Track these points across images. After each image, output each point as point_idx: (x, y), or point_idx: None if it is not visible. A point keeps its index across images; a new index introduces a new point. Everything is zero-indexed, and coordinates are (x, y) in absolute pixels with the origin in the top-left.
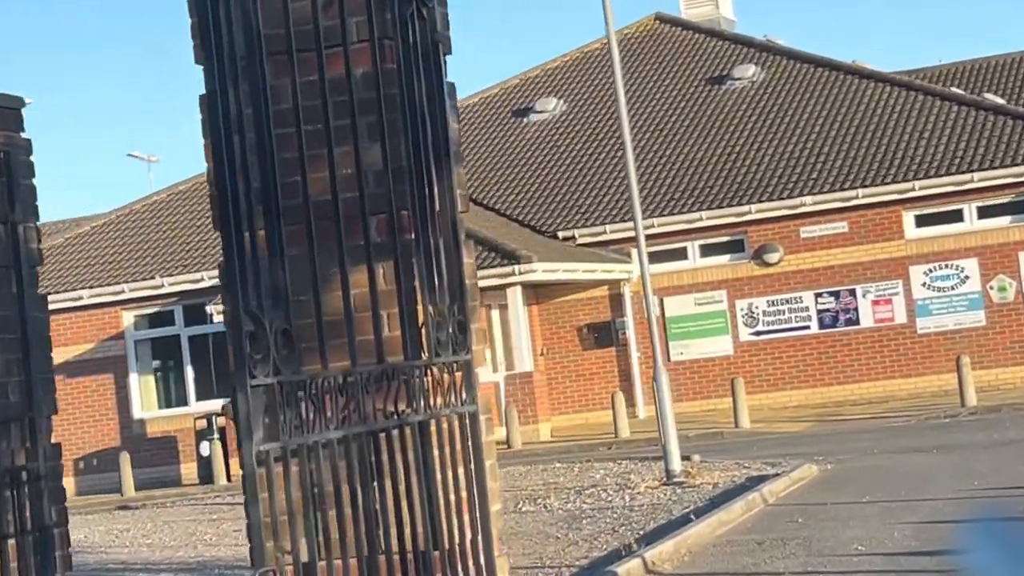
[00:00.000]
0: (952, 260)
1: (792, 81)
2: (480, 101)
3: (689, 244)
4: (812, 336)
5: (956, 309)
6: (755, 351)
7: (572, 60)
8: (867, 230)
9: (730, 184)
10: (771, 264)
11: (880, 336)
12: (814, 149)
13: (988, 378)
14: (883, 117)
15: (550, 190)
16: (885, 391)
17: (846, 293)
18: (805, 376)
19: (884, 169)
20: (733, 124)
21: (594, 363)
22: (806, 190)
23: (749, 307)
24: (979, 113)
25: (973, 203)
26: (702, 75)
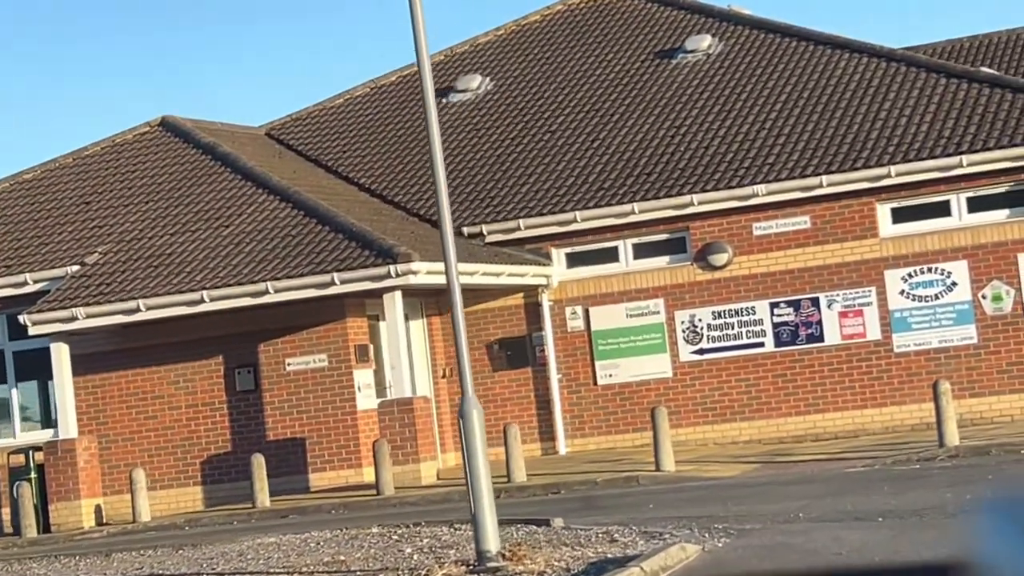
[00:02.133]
0: (936, 263)
1: (753, 53)
2: (397, 80)
3: (620, 243)
4: (767, 355)
5: (941, 323)
6: (698, 373)
7: (506, 34)
8: (834, 226)
9: (671, 171)
10: (717, 267)
11: (849, 356)
12: (773, 129)
13: (980, 408)
14: (857, 92)
15: (460, 179)
16: (854, 423)
17: (808, 303)
18: (758, 404)
19: (855, 152)
20: (681, 102)
21: (506, 386)
22: (760, 177)
23: (691, 320)
24: (972, 86)
25: (962, 193)
26: (651, 48)
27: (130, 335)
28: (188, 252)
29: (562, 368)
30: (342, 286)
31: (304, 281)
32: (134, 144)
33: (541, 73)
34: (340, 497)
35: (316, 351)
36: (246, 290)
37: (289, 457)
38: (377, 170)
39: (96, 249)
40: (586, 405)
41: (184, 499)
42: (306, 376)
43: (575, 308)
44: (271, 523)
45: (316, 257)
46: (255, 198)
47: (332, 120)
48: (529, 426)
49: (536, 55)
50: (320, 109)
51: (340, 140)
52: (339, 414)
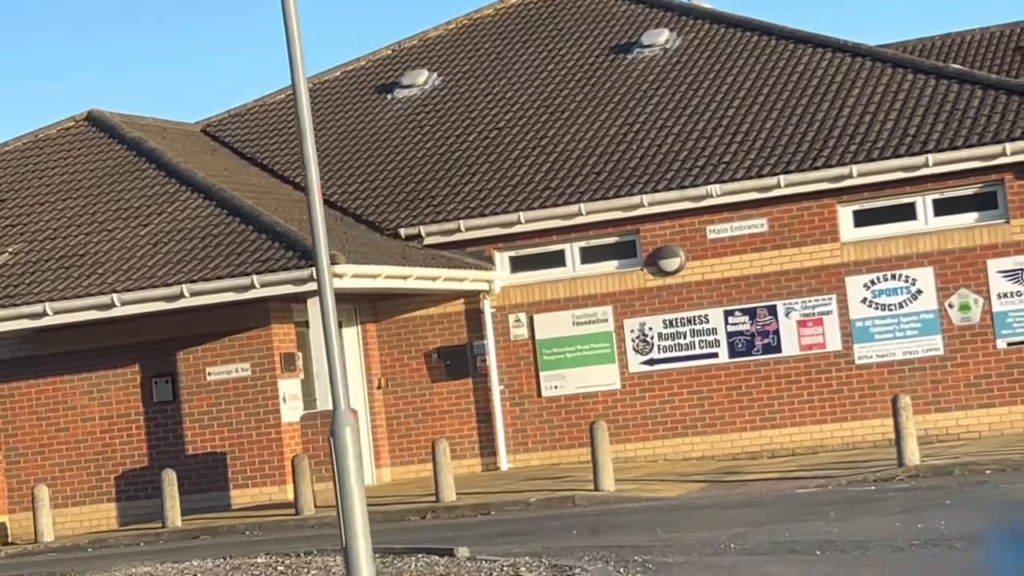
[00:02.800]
0: (901, 269)
1: (712, 48)
2: (342, 76)
3: (567, 247)
4: (721, 366)
5: (905, 333)
6: (648, 385)
7: (458, 28)
8: (792, 229)
9: (622, 170)
10: (669, 273)
11: (807, 367)
12: (730, 127)
13: (946, 423)
14: (819, 88)
15: (400, 178)
16: (813, 439)
17: (764, 311)
18: (711, 419)
19: (815, 151)
20: (636, 98)
21: (446, 398)
22: (715, 177)
23: (641, 328)
24: (940, 82)
25: (928, 195)
26: (607, 43)
27: (41, 341)
28: (103, 253)
29: (504, 379)
30: (262, 289)
31: (221, 284)
32: (57, 139)
33: (491, 68)
34: (258, 516)
35: (239, 359)
36: (160, 293)
37: (209, 472)
38: None
39: (7, 249)
40: (530, 418)
41: (97, 517)
42: (228, 386)
43: (519, 315)
44: (180, 544)
45: (236, 259)
46: (178, 196)
47: (272, 117)
48: (469, 440)
49: (487, 50)
50: (260, 105)
51: (279, 137)
52: (263, 427)
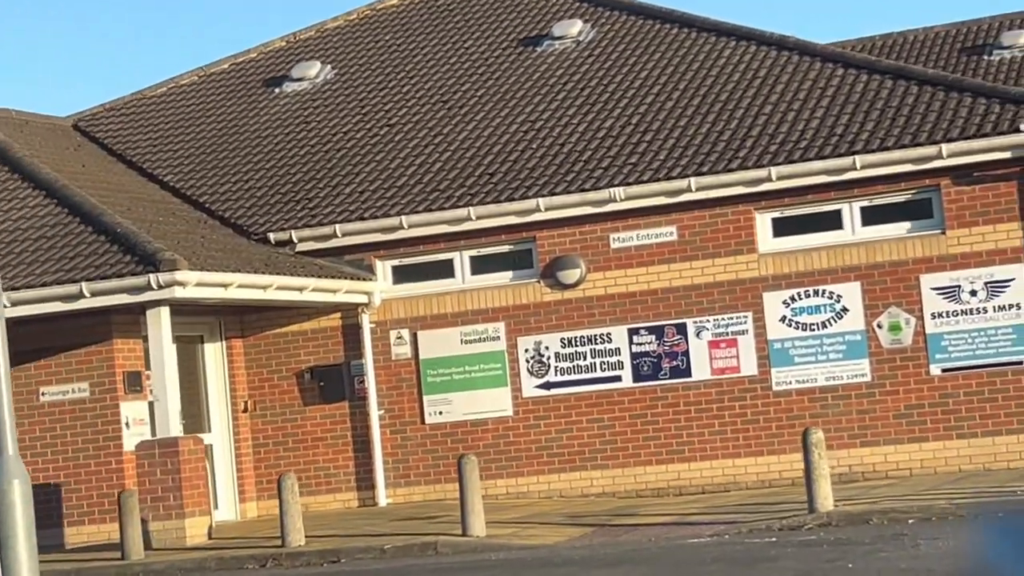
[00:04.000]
0: (825, 284)
1: (629, 40)
2: (231, 68)
3: (456, 255)
4: (624, 391)
5: (828, 356)
6: (543, 411)
7: (359, 19)
8: (704, 238)
9: (519, 171)
10: (568, 285)
11: (720, 394)
12: (640, 124)
13: (873, 459)
14: (740, 83)
15: (277, 178)
16: (725, 475)
17: (673, 330)
18: (613, 450)
19: (731, 151)
20: (541, 94)
21: (319, 423)
22: (619, 179)
23: (537, 347)
24: (872, 77)
25: (855, 201)
26: (516, 35)
27: None
28: None
29: (384, 403)
30: (93, 299)
31: (46, 292)
32: None
33: (390, 61)
34: (79, 561)
35: (77, 379)
36: None
37: (42, 507)
38: (187, 167)
39: None
40: (412, 448)
41: None
42: (64, 409)
43: (401, 331)
44: None
45: (68, 263)
46: (17, 193)
47: (149, 111)
48: (345, 472)
49: (387, 42)
50: (138, 99)
51: (153, 133)
52: (102, 455)
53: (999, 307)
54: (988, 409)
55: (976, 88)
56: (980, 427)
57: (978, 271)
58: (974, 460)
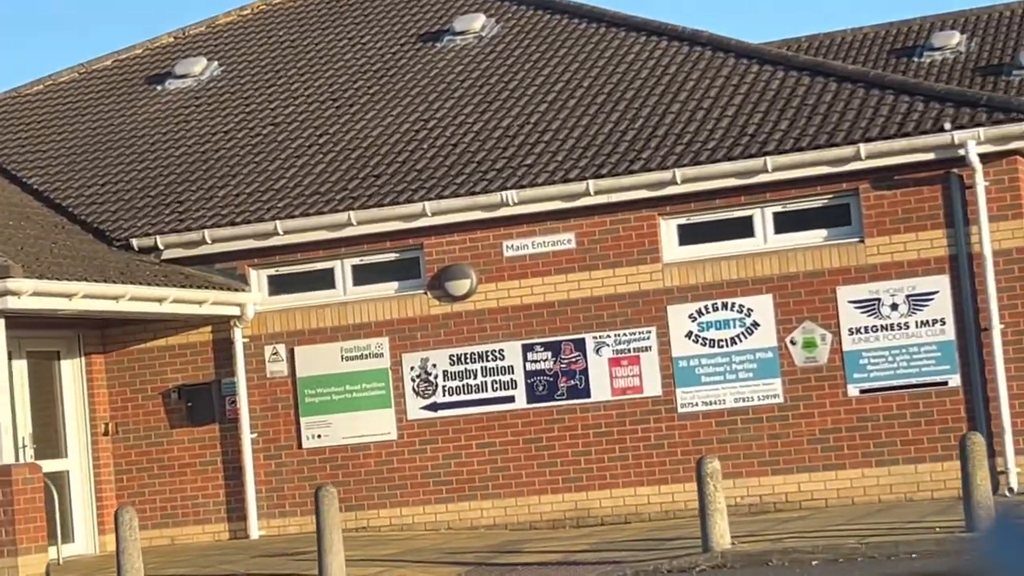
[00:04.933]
0: (734, 297)
1: (534, 35)
2: (114, 64)
3: (336, 264)
4: (518, 413)
5: (738, 375)
6: (430, 435)
7: (252, 14)
8: (605, 246)
9: (406, 172)
10: (458, 297)
11: (621, 416)
12: (540, 124)
13: (786, 488)
14: (648, 80)
15: (149, 180)
16: (626, 505)
17: (570, 346)
18: (506, 477)
19: (634, 152)
20: (437, 91)
21: (187, 448)
22: (513, 181)
23: (423, 365)
24: (788, 74)
25: (768, 207)
26: (416, 30)
27: None
28: None
29: (258, 425)
30: None
31: None
32: None
33: (281, 58)
34: None
35: None
36: None
37: None
38: (55, 169)
39: None
40: (287, 475)
41: None
42: None
43: (277, 347)
44: None
45: None
46: None
47: (22, 110)
48: (215, 501)
49: (281, 38)
50: (12, 97)
51: (24, 133)
52: None
53: (922, 322)
54: (910, 434)
55: (898, 85)
56: (901, 453)
57: (899, 283)
58: (895, 490)
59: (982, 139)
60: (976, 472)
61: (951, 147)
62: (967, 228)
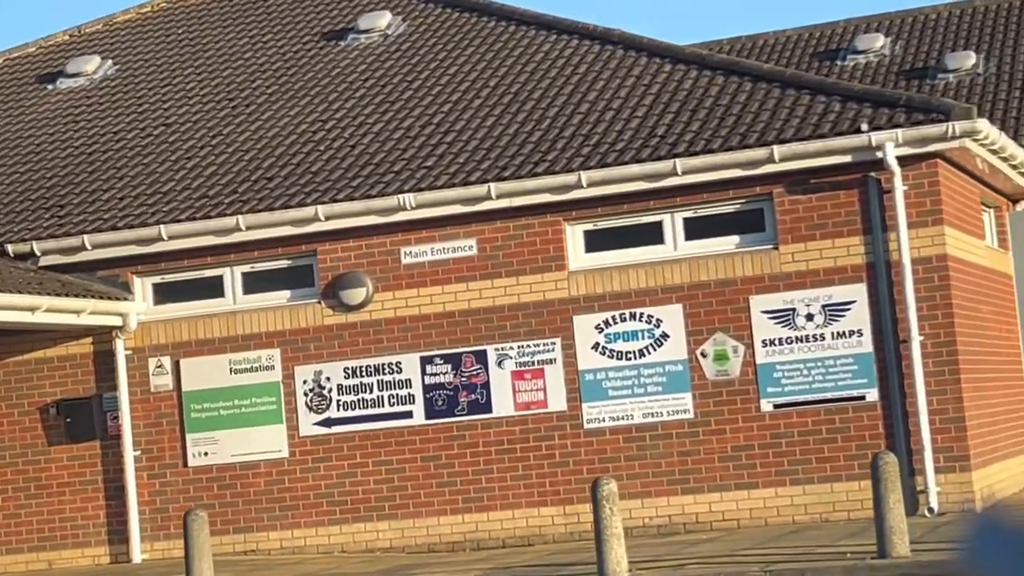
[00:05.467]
0: (643, 307)
1: (441, 34)
2: (3, 64)
3: (226, 271)
4: (416, 429)
5: (647, 389)
6: (324, 452)
7: (152, 11)
8: (508, 253)
9: (300, 174)
10: (353, 307)
11: (525, 432)
12: (443, 124)
13: (696, 508)
14: (557, 80)
15: (31, 183)
16: (528, 526)
17: (471, 358)
18: (403, 497)
19: (539, 154)
20: (338, 91)
21: (66, 466)
22: (412, 184)
23: (316, 378)
24: (702, 73)
25: (678, 212)
26: (320, 28)
27: None
28: None
29: (141, 442)
30: None
31: None
32: None
33: (179, 56)
34: None
35: None
36: None
37: None
38: None
39: None
40: (172, 495)
41: None
42: None
43: (162, 359)
44: None
45: None
46: None
47: None
48: (95, 523)
49: (180, 36)
50: None
51: None
52: None
53: (838, 333)
54: (826, 451)
55: (815, 85)
56: (817, 472)
57: (815, 292)
58: (810, 510)
59: (900, 141)
60: (889, 494)
61: (868, 149)
62: (885, 235)
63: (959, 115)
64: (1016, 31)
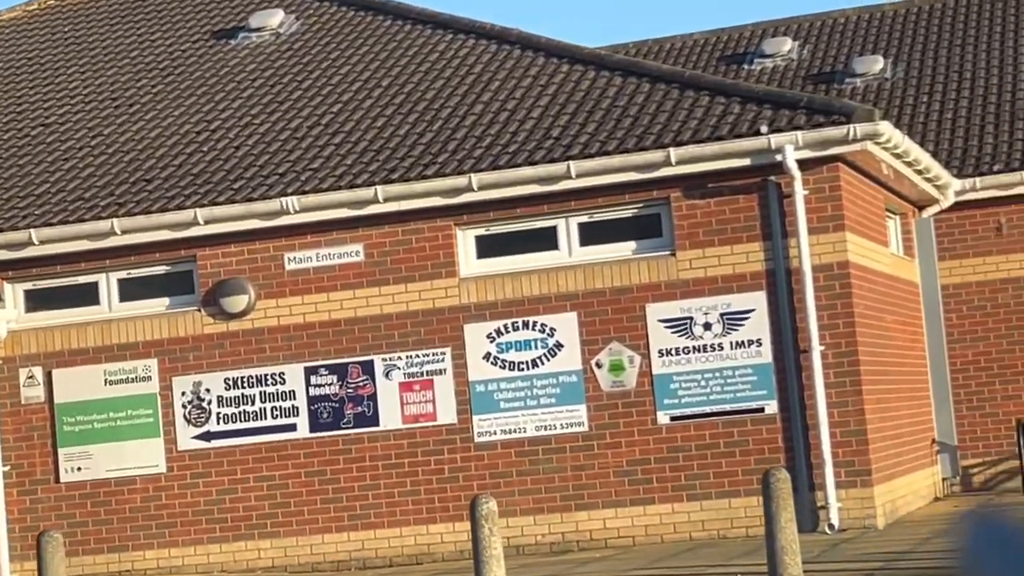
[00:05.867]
0: (536, 315)
1: (336, 32)
2: None
3: (101, 277)
4: (300, 443)
5: (540, 401)
6: (203, 468)
7: (41, 9)
8: (396, 259)
9: (181, 176)
10: (234, 315)
11: (413, 446)
12: (332, 125)
13: (591, 525)
14: (452, 80)
15: None
16: (417, 544)
17: (358, 368)
18: (286, 514)
19: (430, 156)
20: (225, 91)
21: None
22: (295, 187)
23: (196, 389)
24: (600, 74)
25: (573, 216)
26: (210, 27)
27: None
28: None
29: (11, 457)
30: None
31: None
32: None
33: (63, 55)
34: None
35: None
36: None
37: None
38: None
39: None
40: (44, 512)
41: None
42: None
43: (33, 370)
44: None
45: None
46: None
47: None
48: None
49: (67, 34)
50: None
51: None
52: None
53: (737, 343)
54: (724, 465)
55: (715, 86)
56: (714, 487)
57: (713, 300)
58: (707, 526)
59: (801, 143)
60: (780, 512)
61: (768, 152)
62: (785, 241)
63: (861, 117)
64: (924, 36)
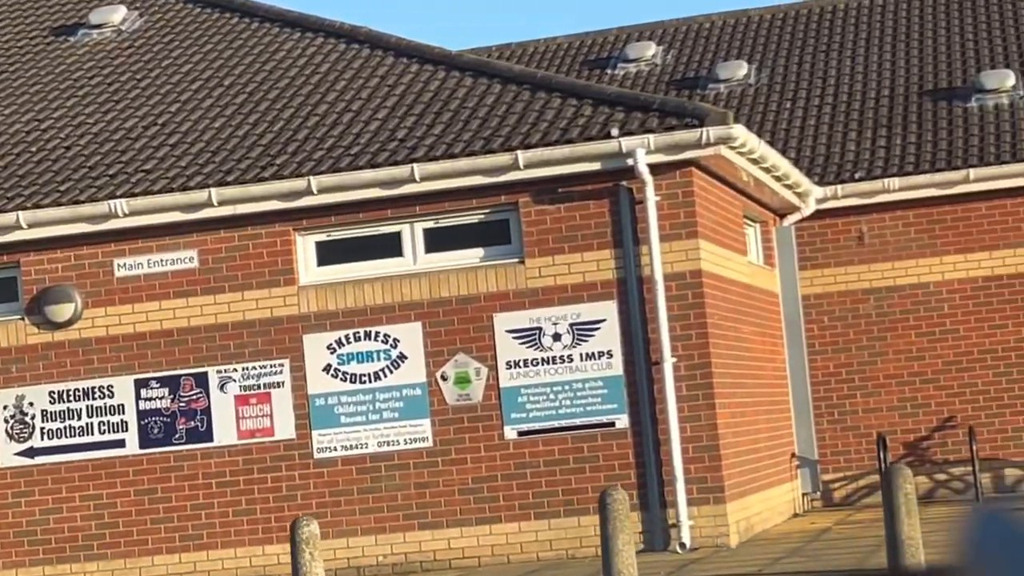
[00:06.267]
0: (379, 325)
1: (180, 30)
2: None
3: None
4: (129, 460)
5: (382, 415)
6: (27, 486)
7: None
8: (232, 266)
9: (4, 179)
10: (60, 324)
11: (249, 462)
12: (168, 125)
13: (434, 545)
14: (297, 79)
15: None
16: (253, 566)
17: (191, 381)
18: (114, 535)
19: (268, 157)
20: (60, 90)
21: None
22: (124, 189)
23: (19, 403)
24: (450, 74)
25: (418, 222)
26: (50, 24)
27: None
28: None
29: None
30: None
31: None
32: None
33: None
34: None
35: None
36: None
37: None
38: None
39: None
40: None
41: None
42: None
43: None
44: None
45: None
46: None
47: None
48: None
49: None
50: None
51: None
52: None
53: (587, 355)
54: (573, 482)
55: (567, 88)
56: (563, 505)
57: (563, 310)
58: (555, 546)
59: (652, 147)
60: (618, 535)
61: (619, 156)
62: (637, 248)
63: (714, 121)
64: (789, 41)
